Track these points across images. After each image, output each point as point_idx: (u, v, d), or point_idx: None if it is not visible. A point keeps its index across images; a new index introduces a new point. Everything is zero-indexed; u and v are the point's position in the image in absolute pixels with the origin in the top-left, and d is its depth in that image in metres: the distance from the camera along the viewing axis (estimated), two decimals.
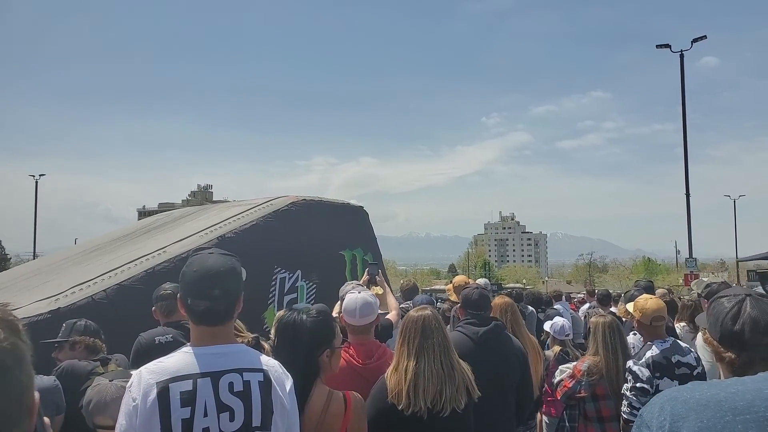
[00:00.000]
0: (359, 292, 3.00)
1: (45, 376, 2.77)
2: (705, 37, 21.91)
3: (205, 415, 1.59)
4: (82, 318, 3.40)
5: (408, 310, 4.75)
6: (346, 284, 3.84)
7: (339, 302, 3.87)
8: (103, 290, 5.19)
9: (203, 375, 1.63)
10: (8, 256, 68.06)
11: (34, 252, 37.36)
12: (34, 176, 38.68)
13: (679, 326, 5.01)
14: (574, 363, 3.97)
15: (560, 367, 4.15)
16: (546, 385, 4.56)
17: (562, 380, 3.87)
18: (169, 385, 1.59)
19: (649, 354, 3.24)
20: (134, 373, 1.65)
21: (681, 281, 25.86)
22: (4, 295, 5.72)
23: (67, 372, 2.96)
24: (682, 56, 21.92)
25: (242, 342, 2.15)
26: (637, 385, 3.15)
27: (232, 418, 1.62)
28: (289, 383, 1.79)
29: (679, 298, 6.44)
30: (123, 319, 4.53)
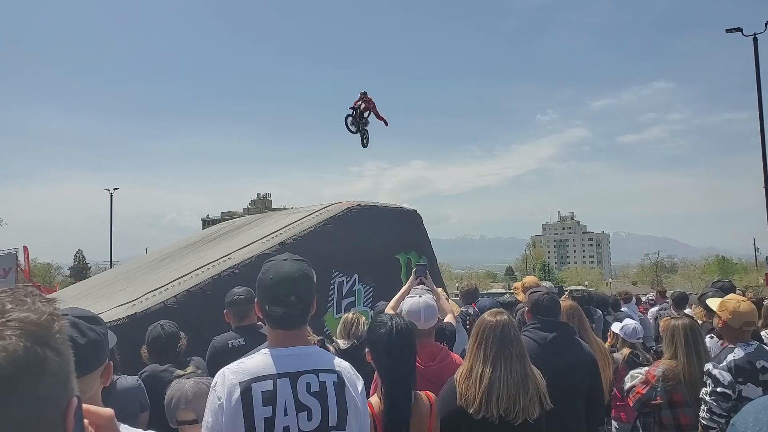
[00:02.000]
0: (420, 296, 3.00)
1: (129, 377, 2.96)
2: None
3: (285, 414, 1.65)
4: (159, 322, 3.54)
5: (472, 315, 4.72)
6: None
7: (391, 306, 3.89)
8: (174, 296, 5.45)
9: (282, 375, 1.70)
10: (88, 266, 72.91)
11: (111, 261, 39.49)
12: (109, 190, 41.04)
13: (765, 333, 4.61)
14: (647, 368, 3.77)
15: (631, 372, 3.96)
16: (615, 390, 4.38)
17: (634, 386, 3.69)
18: (252, 384, 1.66)
19: (731, 357, 3.05)
20: (218, 372, 1.73)
21: (761, 281, 24.01)
22: (87, 302, 6.11)
23: (150, 375, 3.18)
24: (755, 40, 20.50)
25: None
26: (718, 389, 2.97)
27: (309, 418, 1.67)
28: (360, 384, 1.84)
29: (762, 300, 5.96)
30: (191, 323, 4.72)
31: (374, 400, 2.17)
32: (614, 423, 4.78)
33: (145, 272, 7.52)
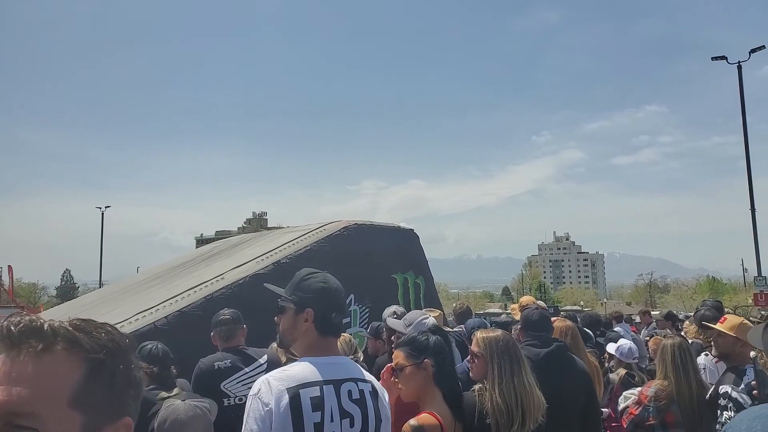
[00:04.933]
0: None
1: None
2: (764, 47, 21.01)
3: (332, 420, 1.70)
4: (151, 342, 3.42)
5: (461, 335, 4.71)
6: (387, 309, 3.95)
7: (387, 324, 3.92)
8: (165, 317, 5.38)
9: (327, 382, 1.74)
10: (76, 285, 71.95)
11: (100, 280, 38.95)
12: (100, 208, 40.51)
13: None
14: (640, 388, 3.77)
15: (624, 393, 3.95)
16: (610, 410, 4.36)
17: (627, 407, 3.67)
18: (300, 391, 1.69)
19: (746, 379, 3.09)
20: (260, 380, 1.72)
21: (750, 301, 24.46)
22: None
23: None
24: (740, 68, 21.11)
25: None
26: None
27: (352, 424, 1.73)
28: (387, 396, 1.93)
29: (749, 319, 6.02)
30: (183, 344, 4.60)
31: (440, 411, 2.20)
32: None
33: (135, 292, 7.45)
